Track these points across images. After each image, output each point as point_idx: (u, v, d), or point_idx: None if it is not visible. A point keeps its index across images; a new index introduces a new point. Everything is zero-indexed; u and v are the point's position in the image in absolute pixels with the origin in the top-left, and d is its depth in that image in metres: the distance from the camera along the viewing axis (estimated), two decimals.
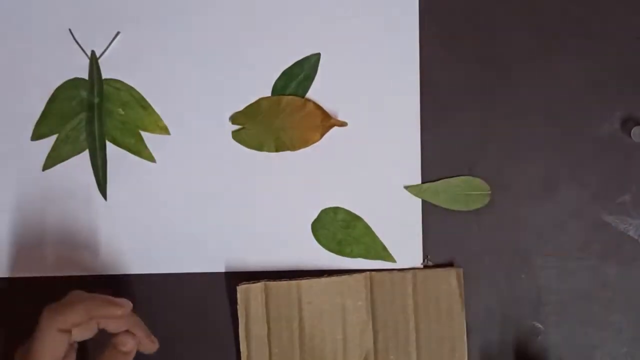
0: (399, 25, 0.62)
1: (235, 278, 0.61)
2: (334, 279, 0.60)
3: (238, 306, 0.60)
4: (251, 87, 0.62)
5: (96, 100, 0.62)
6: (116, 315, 0.53)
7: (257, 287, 0.60)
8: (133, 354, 0.55)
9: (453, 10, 0.63)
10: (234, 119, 0.62)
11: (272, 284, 0.60)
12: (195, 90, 0.63)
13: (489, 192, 0.61)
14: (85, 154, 0.62)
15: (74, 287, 0.61)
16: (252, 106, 0.62)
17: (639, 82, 0.62)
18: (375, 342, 0.61)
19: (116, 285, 0.62)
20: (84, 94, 0.62)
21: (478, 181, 0.61)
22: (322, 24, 0.63)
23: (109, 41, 0.62)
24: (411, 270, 0.61)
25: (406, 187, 0.61)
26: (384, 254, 0.62)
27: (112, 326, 0.54)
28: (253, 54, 0.63)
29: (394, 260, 0.62)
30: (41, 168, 0.62)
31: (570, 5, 0.63)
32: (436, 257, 0.62)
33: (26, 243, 0.62)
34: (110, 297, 0.54)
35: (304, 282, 0.60)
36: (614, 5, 0.63)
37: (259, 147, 0.62)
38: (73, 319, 0.52)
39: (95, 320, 0.53)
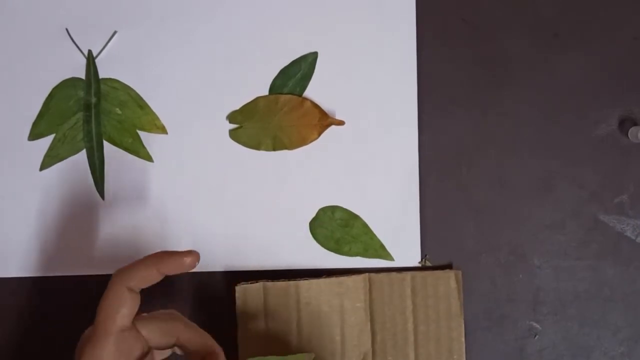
0: (396, 24, 0.62)
1: (233, 277, 0.61)
2: (333, 279, 0.60)
3: (236, 306, 0.60)
4: (249, 86, 0.62)
5: (93, 99, 0.62)
6: (185, 266, 0.52)
7: (256, 287, 0.60)
8: None
9: (451, 9, 0.63)
10: (231, 117, 0.62)
11: (270, 284, 0.60)
12: (193, 89, 0.62)
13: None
14: (83, 153, 0.62)
15: (71, 287, 0.62)
16: (250, 105, 0.62)
17: (636, 82, 0.62)
18: (373, 344, 0.61)
19: None
20: (81, 93, 0.62)
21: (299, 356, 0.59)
22: (320, 22, 0.62)
23: (106, 40, 0.62)
24: (410, 272, 0.61)
25: None
26: (382, 252, 0.62)
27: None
28: (250, 53, 0.62)
29: (392, 259, 0.62)
30: (39, 168, 0.62)
31: (568, 5, 0.63)
32: (434, 256, 0.62)
33: (23, 243, 0.62)
34: (176, 251, 0.52)
35: (302, 283, 0.60)
36: (612, 6, 0.62)
37: (257, 146, 0.62)
38: (143, 276, 0.50)
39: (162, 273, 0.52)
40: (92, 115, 0.62)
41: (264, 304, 0.60)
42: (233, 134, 0.62)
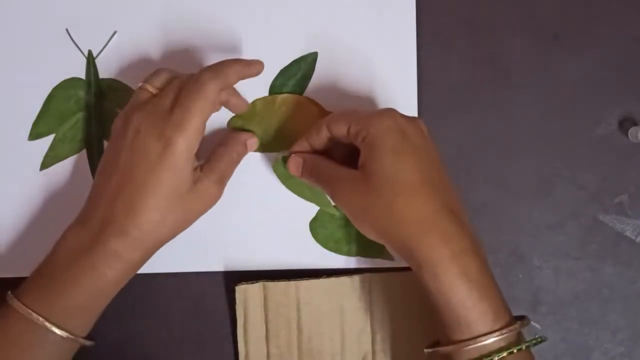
0: (396, 25, 0.62)
1: (234, 277, 0.61)
2: (333, 280, 0.61)
3: (236, 306, 0.60)
4: (248, 86, 0.62)
5: (93, 100, 0.62)
6: (256, 73, 0.57)
7: (256, 287, 0.60)
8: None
9: (451, 9, 0.63)
10: (231, 123, 0.62)
11: (271, 284, 0.60)
12: None
13: None
14: (83, 153, 0.62)
15: None
16: (248, 108, 0.62)
17: (636, 82, 0.62)
18: (373, 344, 0.61)
19: None
20: (81, 93, 0.62)
21: None
22: (320, 22, 0.62)
23: (106, 41, 0.62)
24: (410, 272, 0.61)
25: None
26: (382, 252, 0.62)
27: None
28: (250, 53, 0.62)
29: (392, 259, 0.62)
30: (39, 168, 0.62)
31: (568, 5, 0.63)
32: None
33: (23, 243, 0.62)
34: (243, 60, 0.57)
35: (303, 283, 0.60)
36: (612, 6, 0.62)
37: (257, 147, 0.62)
38: (231, 80, 0.55)
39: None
40: (92, 115, 0.62)
41: (264, 304, 0.60)
42: None
